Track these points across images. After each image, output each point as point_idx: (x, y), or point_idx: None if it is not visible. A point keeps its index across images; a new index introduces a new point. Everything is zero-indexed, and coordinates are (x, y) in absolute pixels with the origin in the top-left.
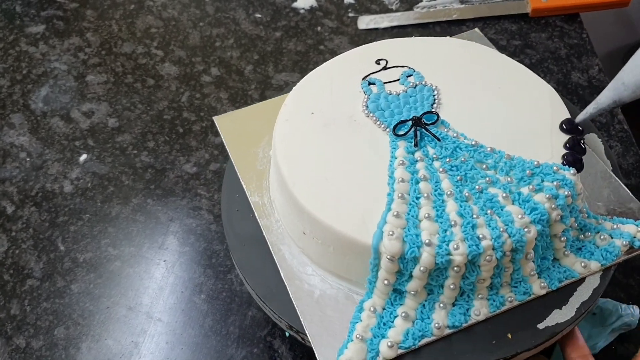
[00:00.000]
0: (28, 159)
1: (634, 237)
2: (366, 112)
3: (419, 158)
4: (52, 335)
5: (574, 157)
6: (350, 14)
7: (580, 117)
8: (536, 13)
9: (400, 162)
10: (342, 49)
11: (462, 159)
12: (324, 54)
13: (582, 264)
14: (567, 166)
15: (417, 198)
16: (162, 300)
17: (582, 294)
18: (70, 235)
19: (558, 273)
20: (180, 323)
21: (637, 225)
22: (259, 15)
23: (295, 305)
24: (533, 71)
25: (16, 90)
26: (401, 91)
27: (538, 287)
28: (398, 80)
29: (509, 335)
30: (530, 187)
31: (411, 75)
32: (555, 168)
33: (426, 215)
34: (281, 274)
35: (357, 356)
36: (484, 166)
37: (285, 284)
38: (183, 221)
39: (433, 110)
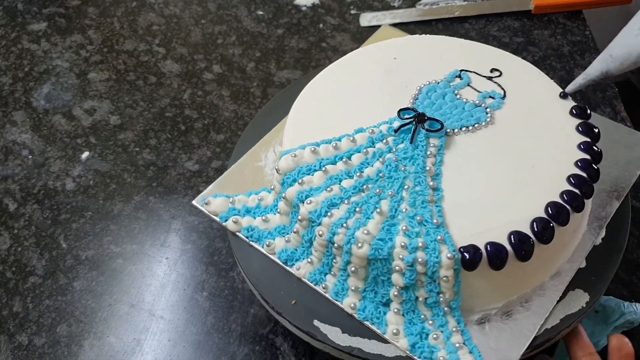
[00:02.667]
0: (30, 157)
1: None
2: (414, 95)
3: (384, 146)
4: (55, 333)
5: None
6: (353, 11)
7: (570, 88)
8: (539, 10)
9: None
10: (344, 46)
11: (402, 169)
12: (326, 51)
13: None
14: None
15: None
16: (164, 298)
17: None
18: (73, 233)
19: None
20: (183, 320)
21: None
22: (261, 13)
23: None
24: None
25: (18, 88)
26: (469, 100)
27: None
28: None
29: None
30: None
31: (492, 97)
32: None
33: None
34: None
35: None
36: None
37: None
38: (185, 219)
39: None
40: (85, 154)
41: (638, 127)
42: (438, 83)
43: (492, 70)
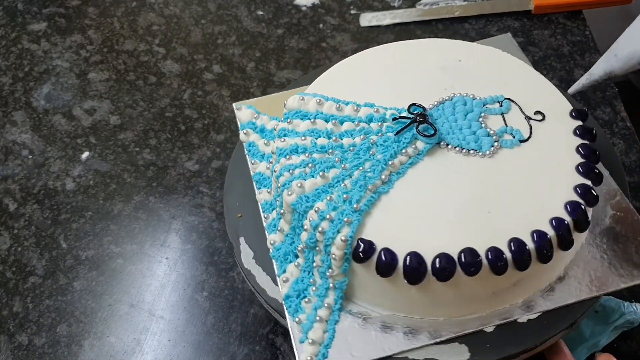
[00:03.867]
0: (30, 157)
1: None
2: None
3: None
4: (55, 333)
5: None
6: (353, 11)
7: (573, 88)
8: (539, 10)
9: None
10: (344, 46)
11: (372, 152)
12: (326, 51)
13: None
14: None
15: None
16: (164, 298)
17: None
18: (73, 233)
19: None
20: (183, 320)
21: None
22: (261, 13)
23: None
24: (536, 69)
25: (18, 88)
26: (488, 127)
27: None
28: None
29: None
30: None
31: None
32: None
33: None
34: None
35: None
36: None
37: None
38: (185, 219)
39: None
40: (85, 154)
41: (638, 127)
42: (474, 99)
43: (537, 112)
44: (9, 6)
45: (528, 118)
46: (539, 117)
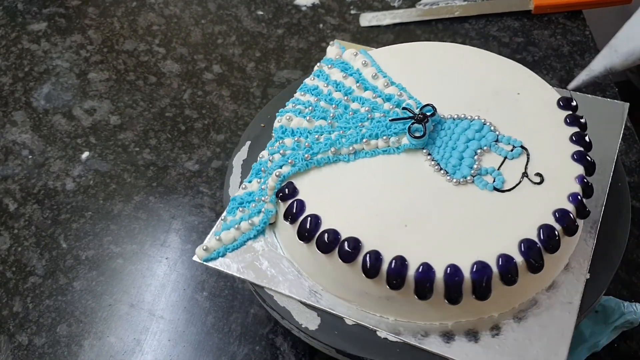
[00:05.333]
0: (30, 157)
1: None
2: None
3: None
4: (55, 333)
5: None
6: (353, 11)
7: (572, 84)
8: (539, 10)
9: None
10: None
11: (360, 125)
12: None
13: None
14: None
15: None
16: (164, 298)
17: None
18: (73, 233)
19: None
20: (183, 320)
21: None
22: (261, 13)
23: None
24: (536, 69)
25: (18, 88)
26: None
27: None
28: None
29: None
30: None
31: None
32: None
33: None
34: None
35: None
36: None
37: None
38: (185, 219)
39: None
40: (85, 154)
41: (638, 127)
42: (493, 131)
43: (537, 174)
44: (9, 6)
45: (525, 174)
46: (537, 179)
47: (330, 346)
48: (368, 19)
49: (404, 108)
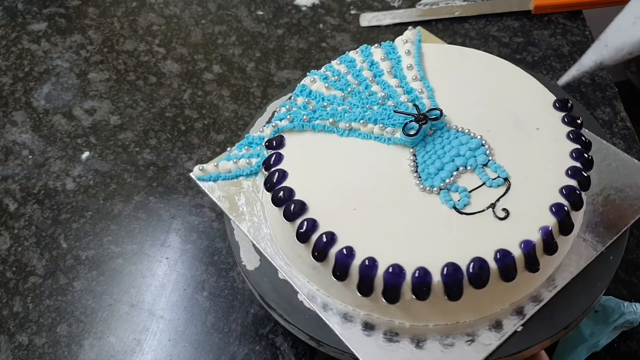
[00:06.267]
0: (30, 157)
1: None
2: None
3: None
4: (55, 333)
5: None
6: (353, 11)
7: (563, 80)
8: (539, 10)
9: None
10: (344, 46)
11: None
12: (326, 51)
13: None
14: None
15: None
16: (164, 298)
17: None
18: (73, 233)
19: None
20: (183, 320)
21: None
22: (261, 13)
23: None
24: (536, 69)
25: (18, 88)
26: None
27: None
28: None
29: None
30: None
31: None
32: None
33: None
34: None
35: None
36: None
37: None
38: (185, 219)
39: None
40: (85, 154)
41: (638, 127)
42: (487, 155)
43: (505, 211)
44: (9, 6)
45: (492, 205)
46: (502, 214)
47: (254, 288)
48: (368, 19)
49: (414, 104)
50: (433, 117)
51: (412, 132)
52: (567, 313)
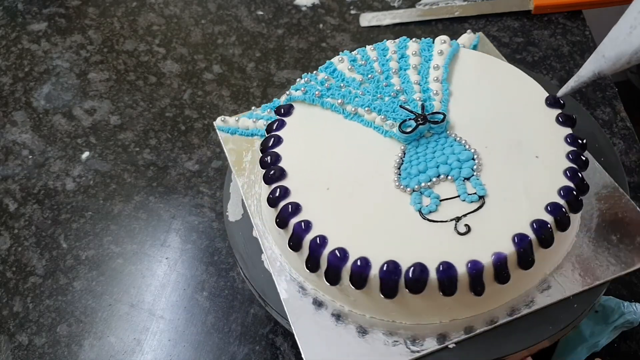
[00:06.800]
0: (30, 157)
1: None
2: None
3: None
4: (55, 333)
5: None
6: (353, 11)
7: (562, 91)
8: (539, 10)
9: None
10: (344, 46)
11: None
12: (326, 51)
13: None
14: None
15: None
16: (164, 298)
17: None
18: (73, 233)
19: None
20: (183, 320)
21: None
22: (261, 13)
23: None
24: (536, 69)
25: (18, 88)
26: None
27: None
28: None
29: None
30: None
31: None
32: None
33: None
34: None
35: None
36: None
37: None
38: (185, 219)
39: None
40: (85, 154)
41: (638, 127)
42: (472, 169)
43: (467, 225)
44: (9, 6)
45: (457, 219)
46: (464, 229)
47: (229, 238)
48: (368, 19)
49: (422, 104)
50: (433, 120)
51: (407, 130)
52: (567, 313)
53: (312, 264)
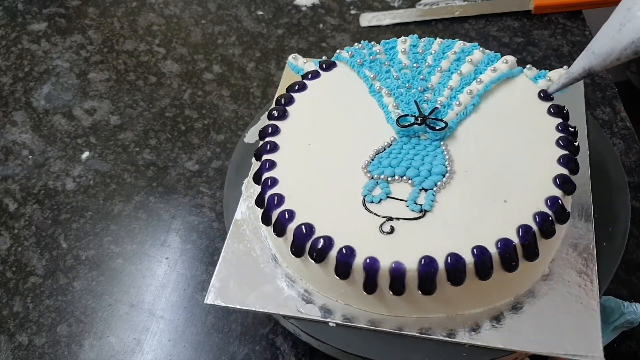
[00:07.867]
0: (30, 157)
1: None
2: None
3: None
4: (55, 333)
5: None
6: (353, 11)
7: (552, 88)
8: (539, 10)
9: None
10: (344, 46)
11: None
12: (326, 51)
13: None
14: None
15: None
16: (164, 298)
17: None
18: (73, 233)
19: None
20: (183, 320)
21: None
22: (261, 13)
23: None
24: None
25: (18, 88)
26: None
27: None
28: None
29: None
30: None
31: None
32: None
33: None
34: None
35: None
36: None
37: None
38: (185, 219)
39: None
40: (85, 154)
41: (638, 127)
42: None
43: (392, 227)
44: (9, 6)
45: (388, 219)
46: (387, 229)
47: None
48: (368, 19)
49: (435, 107)
50: (432, 125)
51: (403, 124)
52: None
53: (277, 231)
